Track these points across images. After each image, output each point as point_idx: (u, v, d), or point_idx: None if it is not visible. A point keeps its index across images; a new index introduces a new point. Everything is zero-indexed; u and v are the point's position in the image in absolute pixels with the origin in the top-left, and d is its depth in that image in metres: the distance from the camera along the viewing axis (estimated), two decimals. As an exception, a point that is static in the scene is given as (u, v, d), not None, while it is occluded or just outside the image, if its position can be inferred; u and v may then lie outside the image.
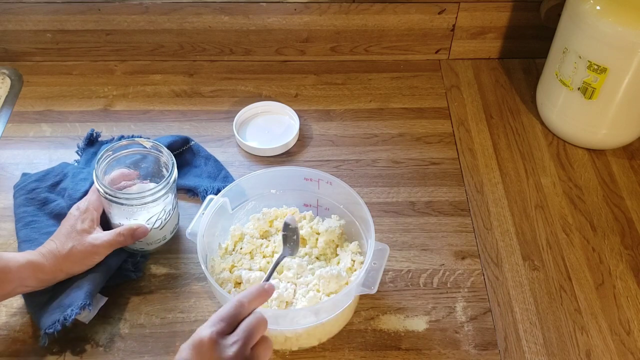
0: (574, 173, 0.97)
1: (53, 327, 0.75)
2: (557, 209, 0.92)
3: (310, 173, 0.84)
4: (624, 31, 0.85)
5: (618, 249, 0.88)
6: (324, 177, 0.83)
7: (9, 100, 1.08)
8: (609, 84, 0.91)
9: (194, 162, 0.97)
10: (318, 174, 0.83)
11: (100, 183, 0.78)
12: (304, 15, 1.09)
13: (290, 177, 0.85)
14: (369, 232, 0.77)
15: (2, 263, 0.73)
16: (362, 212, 0.79)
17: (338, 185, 0.82)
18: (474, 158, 0.99)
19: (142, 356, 0.77)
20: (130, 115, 1.05)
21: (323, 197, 0.85)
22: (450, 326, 0.80)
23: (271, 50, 1.14)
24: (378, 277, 0.73)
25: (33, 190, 0.91)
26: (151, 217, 0.82)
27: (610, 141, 0.99)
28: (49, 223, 0.88)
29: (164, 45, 1.13)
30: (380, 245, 0.75)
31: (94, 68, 1.13)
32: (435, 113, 1.06)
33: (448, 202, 0.93)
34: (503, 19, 1.10)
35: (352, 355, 0.77)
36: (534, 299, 0.83)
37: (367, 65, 1.15)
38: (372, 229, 0.76)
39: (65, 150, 0.99)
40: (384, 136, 1.03)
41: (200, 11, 1.08)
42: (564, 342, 0.79)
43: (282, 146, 0.99)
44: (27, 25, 1.09)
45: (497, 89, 1.11)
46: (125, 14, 1.08)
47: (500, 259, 0.87)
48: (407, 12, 1.09)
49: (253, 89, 1.10)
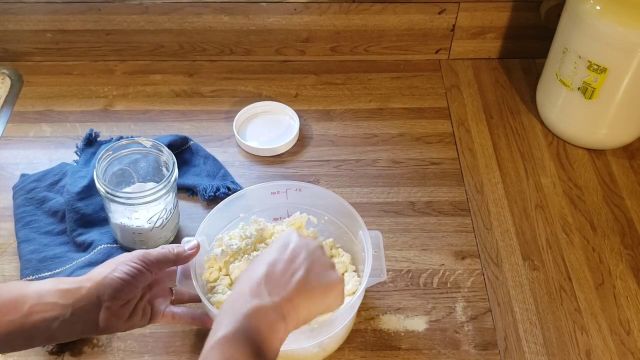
0: (574, 173, 0.97)
1: None
2: (557, 209, 0.92)
3: (276, 186, 0.81)
4: (624, 31, 0.86)
5: (618, 249, 0.88)
6: (292, 185, 0.81)
7: (9, 100, 1.08)
8: (609, 84, 0.91)
9: (193, 162, 0.97)
10: (285, 184, 0.81)
11: (100, 182, 0.78)
12: (304, 15, 1.09)
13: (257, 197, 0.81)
14: (354, 225, 0.77)
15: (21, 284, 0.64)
16: (343, 208, 0.78)
17: (308, 189, 0.80)
18: (474, 158, 0.99)
19: (142, 356, 0.77)
20: (130, 115, 1.05)
21: (293, 205, 0.83)
22: (450, 326, 0.80)
23: (271, 50, 1.14)
24: (382, 263, 0.73)
25: (32, 190, 0.91)
26: (152, 216, 0.82)
27: (610, 141, 0.99)
28: (48, 222, 0.88)
29: (164, 45, 1.13)
30: (372, 232, 0.75)
31: (94, 68, 1.13)
32: (435, 113, 1.06)
33: (448, 202, 0.93)
34: (503, 19, 1.10)
35: (352, 355, 0.77)
36: (534, 299, 0.83)
37: (367, 65, 1.15)
38: (360, 220, 0.75)
39: (65, 150, 0.99)
40: (384, 136, 1.03)
41: (200, 11, 1.08)
42: (564, 342, 0.79)
43: (282, 146, 0.99)
44: (27, 25, 1.09)
45: (497, 89, 1.11)
46: (125, 14, 1.08)
47: (500, 259, 0.87)
48: (407, 12, 1.09)
49: (253, 89, 1.10)
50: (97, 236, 0.86)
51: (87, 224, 0.87)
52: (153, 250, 0.68)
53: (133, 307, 0.66)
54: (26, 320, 0.60)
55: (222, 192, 0.91)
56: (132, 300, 0.66)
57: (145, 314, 0.68)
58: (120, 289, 0.64)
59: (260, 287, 0.58)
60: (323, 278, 0.62)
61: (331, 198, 0.79)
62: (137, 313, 0.67)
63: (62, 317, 0.61)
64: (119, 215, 0.82)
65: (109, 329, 0.65)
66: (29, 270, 0.82)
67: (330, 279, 0.63)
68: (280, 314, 0.57)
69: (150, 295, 0.70)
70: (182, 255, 0.70)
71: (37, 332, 0.61)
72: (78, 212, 0.87)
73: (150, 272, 0.67)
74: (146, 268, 0.66)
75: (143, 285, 0.66)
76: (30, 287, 0.62)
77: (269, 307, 0.57)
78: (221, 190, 0.91)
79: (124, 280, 0.64)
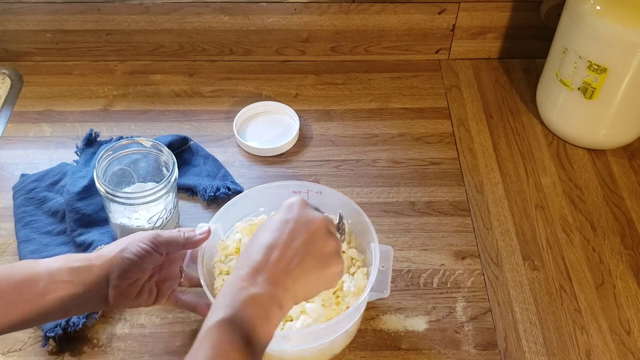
0: (574, 173, 0.97)
1: (54, 331, 0.76)
2: (557, 209, 0.92)
3: (298, 185, 0.81)
4: (624, 31, 0.85)
5: (618, 249, 0.88)
6: (313, 187, 0.81)
7: (9, 100, 1.08)
8: (609, 84, 0.91)
9: (193, 162, 0.97)
10: (307, 185, 0.81)
11: (100, 182, 0.78)
12: (304, 15, 1.09)
13: (276, 193, 0.82)
14: (367, 236, 0.76)
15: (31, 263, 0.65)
16: (359, 217, 0.77)
17: (329, 193, 0.80)
18: (474, 158, 0.99)
19: (142, 356, 0.77)
20: (130, 115, 1.05)
21: None
22: (450, 326, 0.80)
23: (271, 50, 1.14)
24: (388, 279, 0.72)
25: (32, 190, 0.91)
26: (152, 216, 0.82)
27: (610, 141, 0.99)
28: (48, 222, 0.88)
29: (164, 45, 1.13)
30: (384, 247, 0.74)
31: (94, 68, 1.13)
32: (435, 113, 1.06)
33: (448, 202, 0.93)
34: (503, 19, 1.10)
35: (352, 355, 0.77)
36: (534, 299, 0.83)
37: (367, 65, 1.15)
38: (373, 233, 0.75)
39: (65, 150, 0.99)
40: (384, 136, 1.03)
41: (200, 11, 1.08)
42: (564, 342, 0.79)
43: (282, 146, 0.99)
44: (27, 25, 1.09)
45: (497, 89, 1.11)
46: (125, 14, 1.08)
47: (500, 259, 0.87)
48: (407, 12, 1.09)
49: (253, 89, 1.10)
50: (97, 236, 0.86)
51: (87, 224, 0.87)
52: (164, 232, 0.69)
53: (140, 286, 0.67)
54: (41, 299, 0.62)
55: (223, 192, 0.91)
56: (140, 280, 0.67)
57: (151, 295, 0.69)
58: (128, 269, 0.65)
59: (257, 274, 0.58)
60: (321, 263, 0.61)
61: (349, 206, 0.78)
62: (144, 293, 0.68)
63: (75, 295, 0.64)
64: (119, 215, 0.82)
65: (117, 306, 0.67)
66: (29, 270, 0.82)
67: (329, 263, 0.62)
68: (276, 301, 0.57)
69: (160, 276, 0.71)
70: (192, 240, 0.71)
71: (53, 310, 0.63)
72: (78, 212, 0.87)
73: (160, 254, 0.67)
74: (155, 249, 0.67)
75: (151, 266, 0.68)
76: (40, 266, 0.64)
77: (265, 295, 0.57)
78: (221, 190, 0.91)
79: (131, 261, 0.65)
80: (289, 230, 0.61)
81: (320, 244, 0.62)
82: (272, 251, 0.60)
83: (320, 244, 0.62)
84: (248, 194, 0.81)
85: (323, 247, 0.62)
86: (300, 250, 0.60)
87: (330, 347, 0.74)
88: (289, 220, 0.62)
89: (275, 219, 0.63)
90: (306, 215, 0.63)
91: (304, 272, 0.60)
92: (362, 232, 0.80)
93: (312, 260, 0.61)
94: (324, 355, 0.75)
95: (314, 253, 0.61)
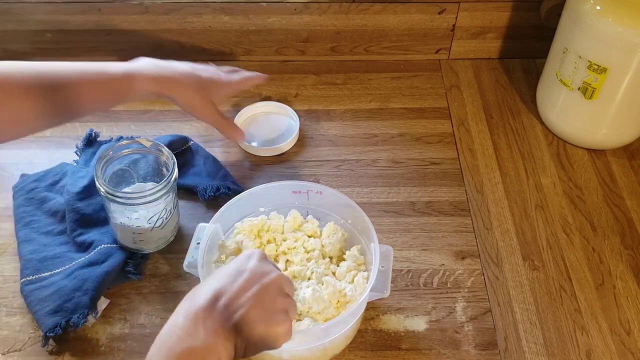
0: (574, 173, 0.97)
1: (54, 330, 0.75)
2: (557, 209, 0.92)
3: (298, 185, 0.82)
4: (624, 31, 0.86)
5: (618, 249, 0.88)
6: (314, 187, 0.81)
7: (9, 100, 1.07)
8: (609, 84, 0.91)
9: (193, 162, 0.97)
10: (307, 185, 0.81)
11: (100, 182, 0.78)
12: (304, 15, 1.09)
13: (277, 193, 0.82)
14: (368, 236, 0.77)
15: None
16: (359, 217, 0.78)
17: (330, 193, 0.80)
18: (474, 158, 0.99)
19: (142, 356, 0.76)
20: (130, 115, 1.05)
21: (313, 208, 0.84)
22: (450, 326, 0.80)
23: (271, 50, 1.14)
24: (388, 279, 0.72)
25: (32, 190, 0.91)
26: (152, 216, 0.82)
27: (610, 141, 0.99)
28: (48, 222, 0.88)
29: (164, 45, 1.13)
30: (384, 247, 0.75)
31: (94, 68, 1.13)
32: (435, 113, 1.06)
33: (448, 202, 0.93)
34: (503, 19, 1.10)
35: (352, 355, 0.77)
36: (534, 299, 0.83)
37: (367, 65, 1.15)
38: (373, 233, 0.75)
39: (65, 150, 0.99)
40: (384, 136, 1.03)
41: (200, 11, 1.08)
42: (564, 342, 0.79)
43: (282, 146, 0.99)
44: (27, 25, 1.09)
45: (497, 89, 1.11)
46: (125, 14, 1.08)
47: (500, 259, 0.87)
48: (407, 12, 1.09)
49: (253, 89, 1.10)
50: (97, 236, 0.86)
51: (87, 224, 0.87)
52: None
53: None
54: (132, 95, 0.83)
55: (223, 192, 0.91)
56: None
57: None
58: None
59: (197, 323, 0.56)
60: (268, 318, 0.59)
61: (350, 206, 0.79)
62: None
63: None
64: (118, 215, 0.82)
65: None
66: (29, 270, 0.82)
67: (276, 320, 0.60)
68: (215, 354, 0.55)
69: None
70: None
71: None
72: (78, 212, 0.87)
73: None
74: None
75: None
76: None
77: (202, 349, 0.55)
78: (221, 190, 0.91)
79: None
80: (242, 280, 0.59)
81: (271, 299, 0.60)
82: (219, 297, 0.58)
83: (270, 298, 0.60)
84: (248, 194, 0.81)
85: (273, 303, 0.60)
86: (249, 301, 0.58)
87: (330, 347, 0.74)
88: (244, 271, 0.60)
89: (232, 266, 0.61)
90: (262, 268, 0.61)
91: (249, 323, 0.58)
92: (362, 232, 0.80)
93: (259, 313, 0.58)
94: (324, 355, 0.75)
95: (263, 307, 0.59)
